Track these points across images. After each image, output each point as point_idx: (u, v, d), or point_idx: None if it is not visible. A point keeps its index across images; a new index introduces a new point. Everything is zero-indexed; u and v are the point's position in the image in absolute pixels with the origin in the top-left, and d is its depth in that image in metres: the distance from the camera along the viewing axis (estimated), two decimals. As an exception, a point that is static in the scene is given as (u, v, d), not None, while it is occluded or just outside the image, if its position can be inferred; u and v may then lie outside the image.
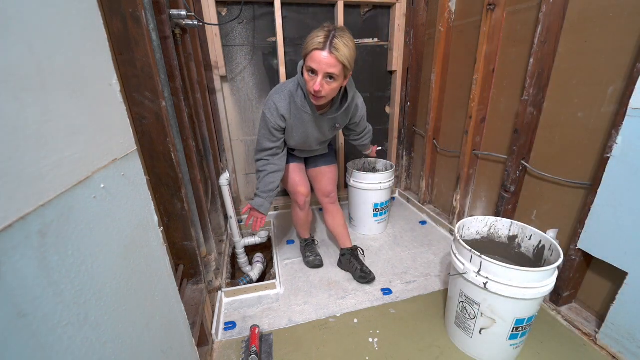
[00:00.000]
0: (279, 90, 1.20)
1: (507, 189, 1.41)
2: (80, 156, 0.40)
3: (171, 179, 0.93)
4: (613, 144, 0.96)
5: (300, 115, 1.21)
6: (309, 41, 1.01)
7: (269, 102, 1.20)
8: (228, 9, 1.74)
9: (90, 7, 0.45)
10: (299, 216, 1.54)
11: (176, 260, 1.05)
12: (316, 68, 1.01)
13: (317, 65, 1.00)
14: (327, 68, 1.00)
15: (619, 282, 0.99)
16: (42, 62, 0.34)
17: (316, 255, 1.60)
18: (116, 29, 0.74)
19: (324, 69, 1.00)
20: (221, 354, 1.11)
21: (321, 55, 0.98)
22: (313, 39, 0.99)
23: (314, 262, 1.57)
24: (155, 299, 0.58)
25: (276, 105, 1.18)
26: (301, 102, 1.18)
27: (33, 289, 0.31)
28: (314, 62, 1.00)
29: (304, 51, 1.03)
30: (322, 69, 1.00)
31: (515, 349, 1.01)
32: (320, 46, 0.98)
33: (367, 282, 1.43)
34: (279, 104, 1.18)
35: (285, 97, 1.18)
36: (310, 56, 1.00)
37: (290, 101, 1.19)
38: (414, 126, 2.20)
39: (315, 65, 1.00)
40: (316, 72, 1.02)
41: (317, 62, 1.00)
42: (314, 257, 1.59)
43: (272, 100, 1.19)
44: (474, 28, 1.51)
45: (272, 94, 1.21)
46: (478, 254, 0.91)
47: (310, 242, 1.66)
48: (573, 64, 1.13)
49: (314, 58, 1.00)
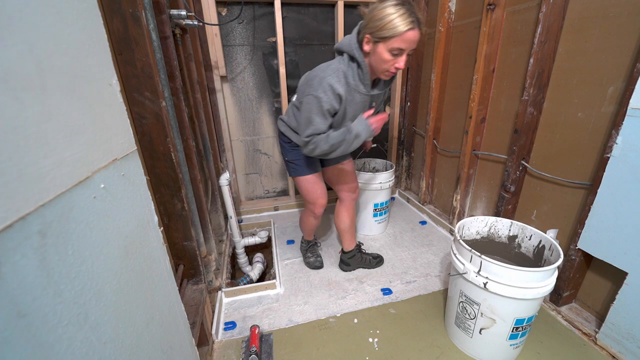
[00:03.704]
0: (330, 72, 1.07)
1: (507, 189, 1.41)
2: (80, 156, 0.40)
3: (171, 179, 0.93)
4: (613, 144, 0.96)
5: (353, 95, 1.13)
6: (394, 21, 0.92)
7: (324, 84, 1.06)
8: (228, 9, 1.74)
9: (90, 7, 0.45)
10: (311, 223, 1.52)
11: (176, 260, 1.05)
12: (406, 47, 0.96)
13: (408, 45, 0.96)
14: (414, 45, 0.98)
15: (619, 282, 0.99)
16: (42, 62, 0.34)
17: (317, 256, 1.61)
18: (116, 29, 0.74)
19: (412, 47, 0.98)
20: (221, 354, 1.11)
21: (415, 34, 0.95)
22: (400, 18, 0.92)
23: (315, 263, 1.58)
24: (155, 299, 0.58)
25: (332, 86, 1.06)
26: (354, 82, 1.10)
27: (33, 289, 0.31)
28: (405, 41, 0.95)
29: (385, 32, 0.94)
30: (411, 47, 0.98)
31: (515, 349, 1.01)
32: (414, 25, 0.93)
33: (382, 262, 1.60)
34: (335, 84, 1.07)
35: (340, 77, 1.08)
36: (401, 37, 0.93)
37: (345, 81, 1.09)
38: (414, 126, 2.20)
39: (406, 45, 0.95)
40: (403, 51, 0.98)
41: (410, 42, 0.95)
42: (314, 258, 1.59)
43: (327, 81, 1.06)
44: (474, 28, 1.51)
45: (322, 75, 1.07)
46: (478, 254, 0.91)
47: (313, 244, 1.65)
48: (573, 64, 1.13)
49: (406, 38, 0.94)
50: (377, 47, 0.99)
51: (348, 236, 1.51)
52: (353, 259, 1.53)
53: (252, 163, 2.12)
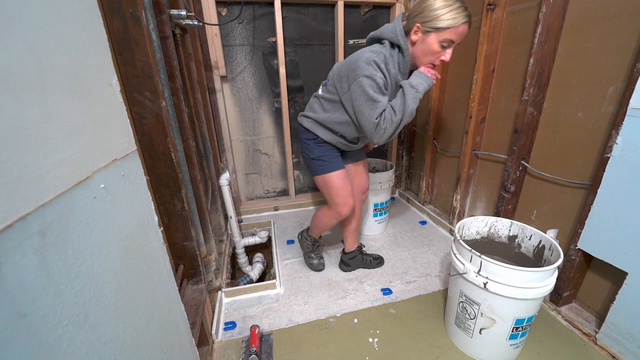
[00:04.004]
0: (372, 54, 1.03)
1: (507, 189, 1.41)
2: (80, 156, 0.40)
3: (171, 179, 0.93)
4: (613, 144, 0.96)
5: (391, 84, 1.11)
6: (451, 12, 0.93)
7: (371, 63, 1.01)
8: (228, 9, 1.74)
9: (90, 7, 0.45)
10: (330, 224, 1.41)
11: (176, 260, 1.05)
12: (456, 40, 0.99)
13: (459, 38, 0.99)
14: (462, 40, 1.01)
15: (619, 282, 0.99)
16: (42, 62, 0.34)
17: (320, 258, 1.59)
18: (116, 29, 0.74)
19: (459, 41, 1.00)
20: (221, 354, 1.11)
21: (467, 29, 0.98)
22: (457, 10, 0.94)
23: (318, 266, 1.56)
24: (155, 299, 0.58)
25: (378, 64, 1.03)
26: (394, 70, 1.08)
27: (33, 289, 0.31)
28: (458, 34, 0.97)
29: (441, 23, 0.95)
30: (459, 41, 1.00)
31: (515, 349, 1.01)
32: (468, 19, 0.96)
33: (382, 263, 1.59)
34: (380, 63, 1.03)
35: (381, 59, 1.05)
36: (456, 29, 0.95)
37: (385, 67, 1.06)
38: (414, 126, 2.20)
39: (457, 37, 0.98)
40: (452, 44, 1.00)
41: (461, 35, 0.98)
42: (318, 260, 1.57)
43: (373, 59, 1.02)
44: (474, 28, 1.51)
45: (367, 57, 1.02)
46: (478, 254, 0.91)
47: (319, 244, 1.59)
48: (573, 64, 1.13)
49: (460, 31, 0.96)
50: (427, 37, 0.99)
51: (352, 237, 1.50)
52: (354, 260, 1.53)
53: (252, 163, 2.12)
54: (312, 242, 1.56)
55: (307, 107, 1.30)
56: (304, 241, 1.57)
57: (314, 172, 1.30)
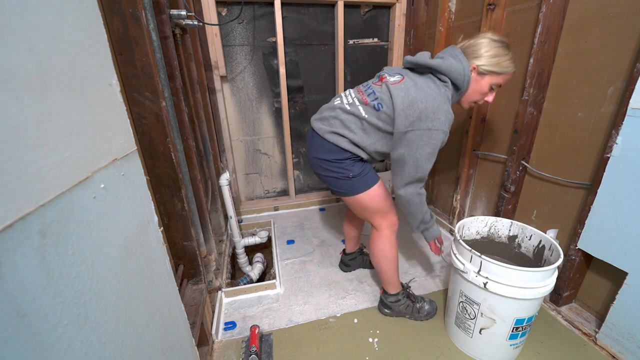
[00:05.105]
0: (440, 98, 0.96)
1: (507, 189, 1.41)
2: (80, 156, 0.40)
3: (171, 179, 0.93)
4: (613, 144, 0.96)
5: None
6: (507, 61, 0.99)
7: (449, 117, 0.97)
8: (228, 9, 1.74)
9: (90, 7, 0.45)
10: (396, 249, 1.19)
11: (176, 260, 1.05)
12: (502, 85, 1.06)
13: (505, 83, 1.06)
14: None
15: (619, 282, 0.99)
16: (42, 62, 0.34)
17: (422, 300, 1.26)
18: (116, 29, 0.74)
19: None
20: (221, 354, 1.11)
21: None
22: (511, 59, 1.00)
23: (431, 310, 1.25)
24: (155, 299, 0.58)
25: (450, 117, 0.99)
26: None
27: (33, 289, 0.31)
28: (506, 80, 1.04)
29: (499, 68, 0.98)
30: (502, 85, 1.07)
31: (515, 349, 1.01)
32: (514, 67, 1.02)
33: None
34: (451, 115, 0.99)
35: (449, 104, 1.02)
36: (507, 75, 1.02)
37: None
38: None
39: (504, 83, 1.05)
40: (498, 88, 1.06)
41: (507, 81, 1.05)
42: (429, 304, 1.25)
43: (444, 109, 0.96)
44: (474, 28, 1.51)
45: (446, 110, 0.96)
46: (478, 254, 0.91)
47: (409, 286, 1.31)
48: (573, 64, 1.13)
49: (509, 78, 1.04)
50: (482, 78, 1.02)
51: (355, 241, 1.51)
52: (354, 260, 1.54)
53: (252, 163, 2.12)
54: (403, 294, 1.25)
55: (334, 122, 1.07)
56: (395, 305, 1.24)
57: (355, 190, 1.10)
